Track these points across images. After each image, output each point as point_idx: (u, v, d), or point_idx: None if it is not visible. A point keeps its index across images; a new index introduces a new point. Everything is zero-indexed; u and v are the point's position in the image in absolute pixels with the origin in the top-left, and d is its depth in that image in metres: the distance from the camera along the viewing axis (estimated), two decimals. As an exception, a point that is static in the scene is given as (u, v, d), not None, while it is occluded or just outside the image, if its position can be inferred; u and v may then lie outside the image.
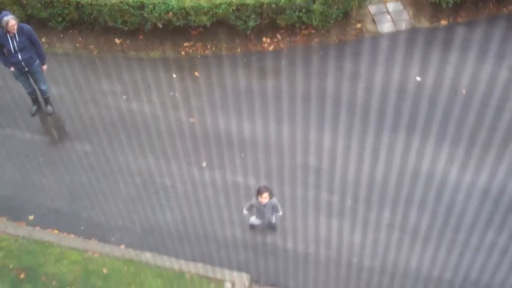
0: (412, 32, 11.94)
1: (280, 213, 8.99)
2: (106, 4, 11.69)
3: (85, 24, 12.42)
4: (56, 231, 9.66)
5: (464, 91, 10.72)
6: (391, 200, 9.57)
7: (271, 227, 9.33)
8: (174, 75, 11.64)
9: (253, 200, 8.71)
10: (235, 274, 8.99)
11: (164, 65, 11.85)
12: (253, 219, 9.13)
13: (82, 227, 9.68)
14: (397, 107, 10.66)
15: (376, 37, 11.93)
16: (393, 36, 11.90)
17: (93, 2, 11.73)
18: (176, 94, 11.29)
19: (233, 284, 8.86)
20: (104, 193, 10.02)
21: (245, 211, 8.98)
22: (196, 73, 11.64)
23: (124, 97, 11.32)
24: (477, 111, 10.40)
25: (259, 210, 8.75)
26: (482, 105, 10.46)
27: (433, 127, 10.32)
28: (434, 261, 8.97)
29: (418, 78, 11.05)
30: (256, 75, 11.50)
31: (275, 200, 8.75)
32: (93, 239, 9.54)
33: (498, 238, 9.08)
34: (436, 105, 10.62)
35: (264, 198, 8.49)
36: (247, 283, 8.90)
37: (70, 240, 9.52)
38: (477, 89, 10.71)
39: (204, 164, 10.23)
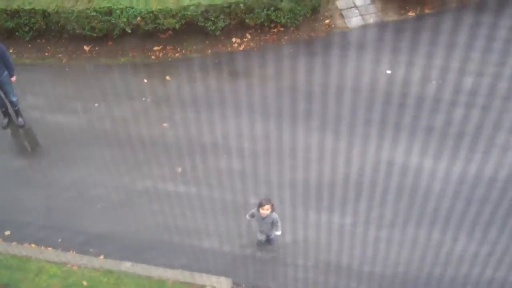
0: (381, 25, 11.97)
1: (279, 233, 8.91)
2: (73, 12, 11.59)
3: (52, 32, 12.29)
4: (33, 245, 9.58)
5: (434, 82, 10.82)
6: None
7: (268, 242, 9.28)
8: (145, 80, 11.58)
9: (254, 210, 8.72)
10: (216, 279, 9.00)
11: (134, 70, 11.78)
12: (259, 236, 9.14)
13: (60, 240, 9.62)
14: (369, 101, 10.71)
15: (345, 32, 11.95)
16: (362, 30, 11.93)
17: (60, 10, 11.62)
18: (148, 100, 11.23)
19: (214, 289, 8.89)
20: (79, 204, 9.96)
21: (248, 217, 8.95)
22: (168, 77, 11.58)
23: (96, 104, 11.23)
24: (447, 102, 10.50)
25: (259, 222, 8.78)
26: (452, 96, 10.56)
27: (404, 120, 10.39)
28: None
29: (388, 71, 11.11)
30: (227, 76, 11.48)
31: (275, 215, 8.69)
32: (71, 251, 9.47)
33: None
34: (407, 97, 10.69)
35: (266, 210, 8.47)
36: (229, 287, 8.92)
37: (48, 254, 9.45)
38: (447, 80, 10.82)
39: (179, 169, 10.21)
